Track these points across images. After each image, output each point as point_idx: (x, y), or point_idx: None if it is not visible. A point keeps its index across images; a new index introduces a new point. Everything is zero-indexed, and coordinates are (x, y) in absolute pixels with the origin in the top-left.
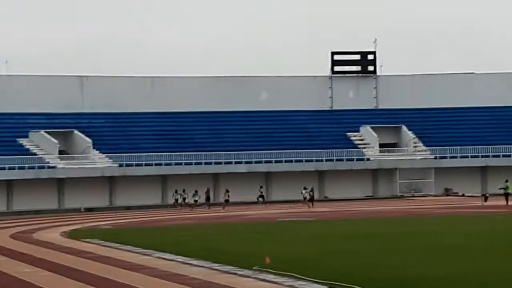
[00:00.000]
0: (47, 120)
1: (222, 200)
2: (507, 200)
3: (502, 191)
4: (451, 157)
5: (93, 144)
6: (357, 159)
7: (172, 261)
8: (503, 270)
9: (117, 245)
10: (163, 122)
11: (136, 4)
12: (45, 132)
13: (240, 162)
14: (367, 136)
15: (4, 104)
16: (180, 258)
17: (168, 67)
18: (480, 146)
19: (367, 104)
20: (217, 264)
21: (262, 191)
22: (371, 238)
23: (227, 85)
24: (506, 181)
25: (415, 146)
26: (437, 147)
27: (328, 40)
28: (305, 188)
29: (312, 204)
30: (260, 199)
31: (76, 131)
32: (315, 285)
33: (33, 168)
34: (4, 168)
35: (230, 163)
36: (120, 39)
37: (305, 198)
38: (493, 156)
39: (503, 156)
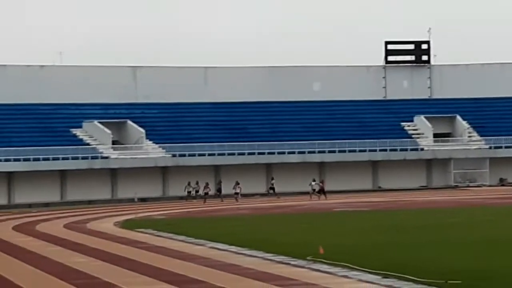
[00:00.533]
0: (100, 110)
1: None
2: None
3: None
4: (506, 147)
5: (146, 134)
6: (411, 149)
7: (225, 251)
8: None
9: (171, 235)
10: (217, 112)
11: None
12: (99, 122)
13: (293, 152)
14: (421, 126)
15: (58, 94)
16: (233, 248)
17: (221, 57)
18: None
19: (421, 93)
20: (270, 254)
21: (273, 183)
22: (425, 229)
23: (280, 75)
24: None
25: (469, 136)
26: (492, 137)
27: (381, 29)
28: (314, 180)
29: (325, 196)
30: (271, 191)
31: (129, 122)
32: (369, 275)
33: (86, 158)
34: (58, 158)
35: (283, 153)
36: (173, 29)
37: (314, 190)
38: None
39: None
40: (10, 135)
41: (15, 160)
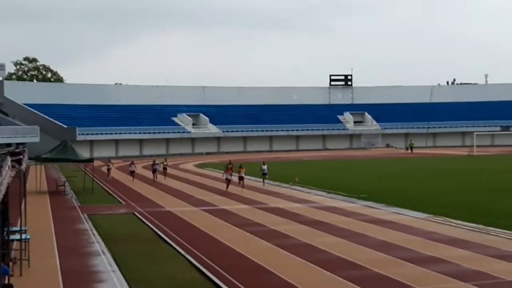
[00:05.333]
0: (186, 108)
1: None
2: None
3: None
4: (389, 128)
5: (210, 120)
6: (342, 129)
7: (249, 179)
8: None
9: (220, 171)
10: (245, 109)
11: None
12: (186, 114)
13: (283, 130)
14: (347, 117)
15: (166, 99)
16: (253, 178)
17: (251, 79)
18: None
19: (347, 101)
20: (272, 181)
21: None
22: (350, 168)
23: (279, 91)
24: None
25: (372, 123)
26: (382, 123)
27: (327, 68)
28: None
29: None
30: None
31: (201, 114)
32: (321, 192)
33: (179, 132)
34: (165, 132)
35: (278, 130)
36: (219, 68)
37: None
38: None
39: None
40: (141, 120)
41: (143, 133)
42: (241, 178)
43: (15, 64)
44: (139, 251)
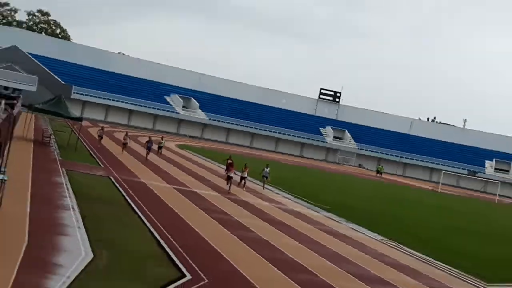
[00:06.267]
0: (180, 90)
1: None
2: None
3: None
4: (366, 149)
5: (200, 106)
6: (321, 141)
7: (211, 163)
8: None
9: (198, 155)
10: (234, 103)
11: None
12: (178, 95)
13: (265, 130)
14: (328, 131)
15: (163, 78)
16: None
17: (236, 76)
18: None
19: (332, 116)
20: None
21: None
22: (322, 178)
23: (266, 93)
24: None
25: (349, 141)
26: (359, 143)
27: (317, 84)
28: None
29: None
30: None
31: (193, 99)
32: (289, 195)
33: (169, 111)
34: (155, 108)
35: (261, 129)
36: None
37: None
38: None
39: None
40: (134, 91)
41: (134, 104)
42: (243, 179)
43: (28, 14)
44: (107, 213)
